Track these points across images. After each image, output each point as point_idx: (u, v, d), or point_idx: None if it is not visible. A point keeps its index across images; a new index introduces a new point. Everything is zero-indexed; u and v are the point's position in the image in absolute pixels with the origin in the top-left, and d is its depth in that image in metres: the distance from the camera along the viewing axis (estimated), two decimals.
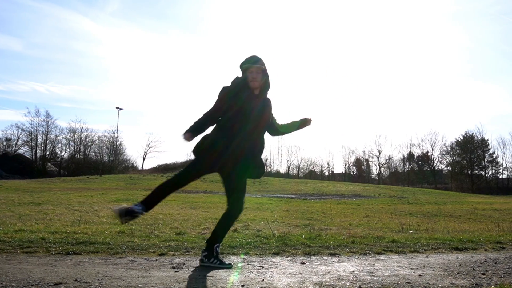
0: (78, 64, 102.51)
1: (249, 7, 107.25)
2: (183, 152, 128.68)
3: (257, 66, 4.45)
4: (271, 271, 4.18)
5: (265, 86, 4.57)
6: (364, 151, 77.44)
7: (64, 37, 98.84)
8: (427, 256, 5.27)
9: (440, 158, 72.58)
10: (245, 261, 4.76)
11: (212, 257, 4.41)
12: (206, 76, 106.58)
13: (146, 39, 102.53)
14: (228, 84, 4.57)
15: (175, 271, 4.08)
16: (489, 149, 68.44)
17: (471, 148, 68.43)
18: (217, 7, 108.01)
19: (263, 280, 3.79)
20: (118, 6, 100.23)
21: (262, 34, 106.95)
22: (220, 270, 4.18)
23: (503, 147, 71.49)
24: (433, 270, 4.37)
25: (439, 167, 73.76)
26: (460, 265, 4.68)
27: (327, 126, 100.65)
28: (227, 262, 4.49)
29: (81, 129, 73.52)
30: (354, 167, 79.70)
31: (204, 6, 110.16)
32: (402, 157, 75.35)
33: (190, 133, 4.45)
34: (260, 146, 4.57)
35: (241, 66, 4.54)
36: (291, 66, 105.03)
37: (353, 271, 4.24)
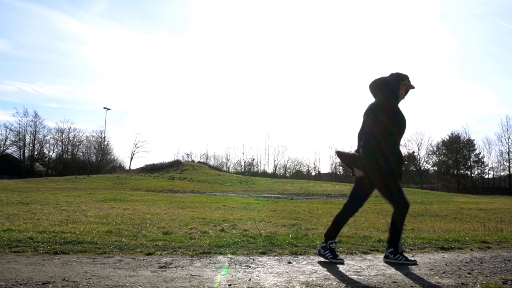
0: (65, 64, 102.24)
1: (234, 7, 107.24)
2: (170, 152, 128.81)
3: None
4: (258, 271, 4.19)
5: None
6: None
7: (51, 37, 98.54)
8: (413, 256, 5.30)
9: (426, 158, 72.97)
10: (232, 260, 4.78)
11: (397, 253, 4.72)
12: (192, 76, 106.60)
13: (132, 39, 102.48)
14: None
15: (163, 271, 4.08)
16: (475, 149, 68.81)
17: (457, 148, 68.77)
18: (203, 8, 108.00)
19: (250, 279, 3.80)
20: (104, 6, 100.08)
21: (248, 34, 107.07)
22: (207, 270, 4.19)
23: (489, 147, 72.06)
24: (419, 269, 4.40)
25: (425, 167, 74.16)
26: (446, 264, 4.72)
27: (314, 126, 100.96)
28: (411, 259, 4.77)
29: (69, 129, 73.37)
30: (341, 167, 79.84)
31: (190, 7, 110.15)
32: None
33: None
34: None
35: (401, 80, 4.87)
36: (279, 67, 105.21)
37: (340, 271, 4.27)
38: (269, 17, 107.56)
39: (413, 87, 4.91)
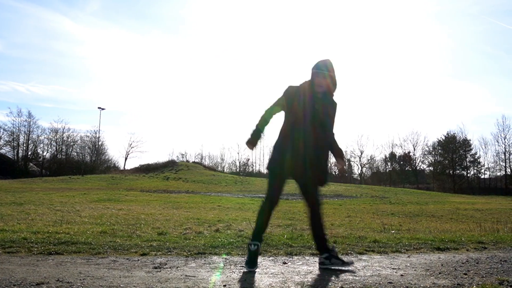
0: (59, 64, 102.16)
1: (229, 7, 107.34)
2: (164, 152, 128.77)
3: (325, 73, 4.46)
4: (253, 271, 4.17)
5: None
6: (346, 151, 77.77)
7: (45, 37, 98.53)
8: (409, 256, 5.30)
9: (422, 158, 73.02)
10: (227, 261, 4.75)
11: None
12: (187, 76, 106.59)
13: (127, 39, 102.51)
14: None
15: (157, 271, 4.06)
16: (471, 149, 68.91)
17: (453, 148, 68.83)
18: (198, 7, 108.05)
19: (245, 280, 3.79)
20: (99, 6, 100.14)
21: (242, 34, 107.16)
22: (202, 270, 4.16)
23: (485, 147, 72.59)
24: (415, 270, 4.39)
25: (421, 167, 74.24)
26: (442, 265, 4.71)
27: None
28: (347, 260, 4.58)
29: (63, 129, 73.19)
30: (335, 167, 79.78)
31: (184, 6, 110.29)
32: (384, 157, 75.56)
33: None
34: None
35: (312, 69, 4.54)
36: (273, 66, 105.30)
37: (335, 271, 4.25)
38: (264, 17, 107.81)
39: (317, 78, 4.47)
